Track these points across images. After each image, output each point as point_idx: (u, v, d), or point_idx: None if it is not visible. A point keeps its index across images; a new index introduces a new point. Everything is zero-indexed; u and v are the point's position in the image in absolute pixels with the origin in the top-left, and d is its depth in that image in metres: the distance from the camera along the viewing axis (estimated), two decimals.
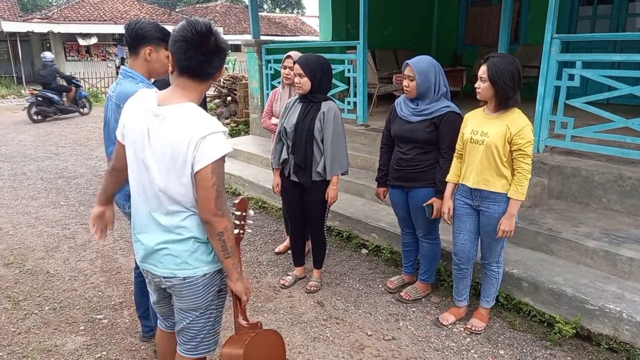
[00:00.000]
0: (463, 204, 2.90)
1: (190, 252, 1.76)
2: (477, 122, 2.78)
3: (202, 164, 1.61)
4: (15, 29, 19.95)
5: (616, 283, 3.00)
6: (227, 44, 1.72)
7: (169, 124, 1.65)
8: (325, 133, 3.14)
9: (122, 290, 3.55)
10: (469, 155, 2.81)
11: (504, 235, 2.72)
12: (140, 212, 1.80)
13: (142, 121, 1.70)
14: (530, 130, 2.64)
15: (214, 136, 1.63)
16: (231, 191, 5.83)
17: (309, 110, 3.17)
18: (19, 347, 2.87)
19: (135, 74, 2.43)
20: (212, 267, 1.81)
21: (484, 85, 2.65)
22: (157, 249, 1.78)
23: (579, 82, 3.82)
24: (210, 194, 1.65)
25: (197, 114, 1.66)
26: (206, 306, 1.86)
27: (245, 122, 8.61)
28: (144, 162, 1.72)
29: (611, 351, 2.73)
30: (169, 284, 1.82)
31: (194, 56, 1.63)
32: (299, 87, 3.14)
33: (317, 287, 3.52)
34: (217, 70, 1.71)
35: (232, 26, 27.26)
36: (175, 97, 1.69)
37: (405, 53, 8.16)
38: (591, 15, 7.20)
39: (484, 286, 3.02)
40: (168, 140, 1.64)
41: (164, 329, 2.13)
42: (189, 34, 1.61)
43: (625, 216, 3.60)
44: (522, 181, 2.65)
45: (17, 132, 10.37)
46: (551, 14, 3.85)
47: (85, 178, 6.68)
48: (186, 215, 1.73)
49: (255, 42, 6.88)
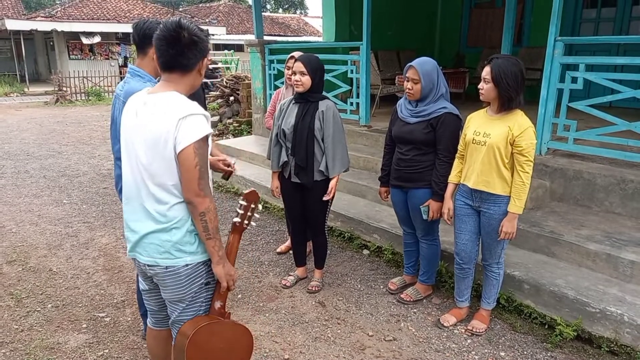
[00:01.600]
0: (463, 205, 2.90)
1: (173, 242, 1.80)
2: (480, 123, 2.79)
3: (183, 144, 1.67)
4: (18, 27, 20.03)
5: (617, 286, 3.00)
6: (202, 35, 1.76)
7: (152, 108, 1.74)
8: (326, 132, 3.15)
9: (124, 289, 3.56)
10: (470, 155, 2.82)
11: (506, 237, 2.73)
12: (131, 201, 1.86)
13: (133, 111, 1.81)
14: (533, 132, 2.64)
15: (194, 117, 1.70)
16: (233, 191, 5.84)
17: (307, 110, 3.17)
18: (22, 345, 2.88)
19: (143, 72, 2.45)
20: (195, 258, 1.85)
21: (488, 87, 2.65)
22: (143, 236, 1.83)
23: (582, 85, 3.82)
24: (193, 174, 1.70)
25: (177, 99, 1.74)
26: (191, 297, 1.90)
27: (248, 122, 8.62)
28: (135, 148, 1.79)
29: (612, 354, 2.73)
30: (152, 272, 1.88)
31: (167, 51, 1.73)
32: (299, 85, 3.13)
33: (319, 288, 3.53)
34: (193, 61, 1.77)
35: (235, 26, 27.28)
36: (162, 88, 1.80)
37: (408, 54, 8.16)
38: (594, 18, 7.19)
39: (484, 287, 3.03)
40: (150, 122, 1.73)
41: (152, 326, 2.17)
42: (161, 33, 1.73)
43: (627, 219, 3.60)
44: (520, 195, 2.65)
45: (20, 130, 10.40)
46: (554, 17, 3.85)
47: (88, 176, 6.70)
48: (172, 204, 1.78)
49: (258, 42, 6.89)
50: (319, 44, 8.18)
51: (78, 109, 14.63)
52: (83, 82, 17.36)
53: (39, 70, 24.96)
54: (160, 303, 2.05)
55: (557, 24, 3.86)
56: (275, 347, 2.88)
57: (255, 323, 3.12)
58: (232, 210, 5.23)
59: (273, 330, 3.04)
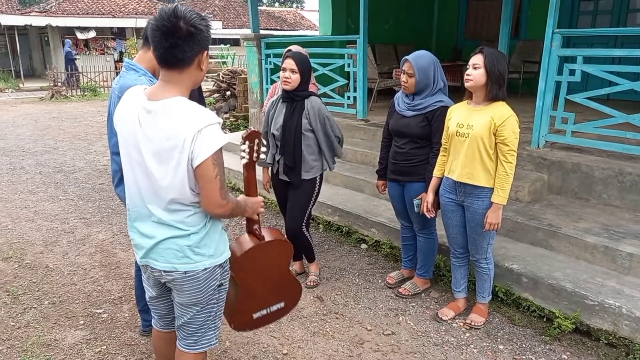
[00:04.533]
0: (448, 200, 2.90)
1: (192, 246, 1.74)
2: (462, 115, 2.77)
3: (202, 157, 1.59)
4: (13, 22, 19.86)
5: (615, 278, 3.00)
6: (200, 25, 1.60)
7: (162, 119, 1.62)
8: (315, 128, 3.16)
9: (121, 285, 3.55)
10: (454, 148, 2.80)
11: (491, 227, 2.72)
12: (139, 209, 1.78)
13: (135, 119, 1.68)
14: (515, 122, 2.62)
15: (210, 128, 1.60)
16: (230, 186, 5.82)
17: (294, 109, 3.17)
18: (19, 342, 2.87)
19: (138, 66, 2.41)
20: (213, 262, 1.80)
21: (478, 72, 2.62)
22: (157, 242, 1.76)
23: (579, 77, 3.81)
24: (214, 186, 1.64)
25: (189, 108, 1.62)
26: (206, 301, 1.85)
27: (245, 116, 8.58)
28: (141, 159, 1.69)
29: (610, 346, 2.74)
30: (169, 277, 1.80)
31: (160, 43, 1.59)
32: (288, 82, 3.11)
33: (317, 282, 3.52)
34: (190, 55, 1.61)
35: (231, 20, 27.14)
36: (162, 91, 1.66)
37: (405, 48, 8.11)
38: (592, 10, 7.17)
39: (477, 283, 3.03)
40: (162, 136, 1.61)
41: (160, 329, 2.11)
42: (155, 22, 1.58)
43: (625, 212, 3.60)
44: (504, 185, 2.64)
45: (16, 126, 10.33)
46: (552, 9, 3.83)
47: (84, 172, 6.66)
48: (189, 213, 1.72)
49: (254, 37, 6.85)
50: (316, 37, 8.13)
51: (73, 104, 14.54)
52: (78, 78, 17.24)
53: (34, 66, 24.77)
54: (170, 306, 1.98)
55: (554, 16, 3.84)
56: (273, 342, 2.87)
57: None
58: None
59: (271, 326, 3.03)
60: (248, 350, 2.79)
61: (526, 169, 4.11)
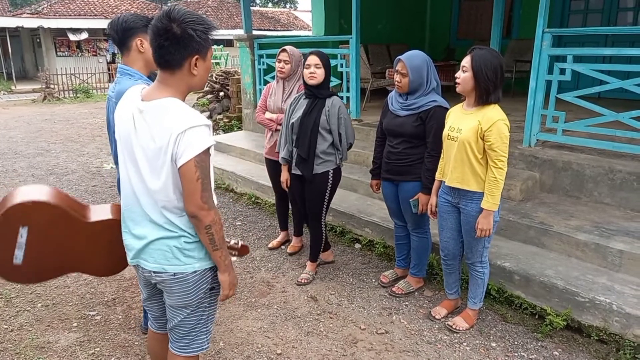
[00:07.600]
0: (444, 202, 2.88)
1: (182, 248, 1.74)
2: (455, 118, 2.74)
3: (184, 158, 1.58)
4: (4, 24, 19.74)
5: (606, 275, 3.03)
6: (189, 29, 1.57)
7: (150, 120, 1.63)
8: (332, 127, 3.24)
9: (114, 287, 3.54)
10: (446, 152, 2.79)
11: (483, 234, 2.67)
12: (132, 208, 1.79)
13: (130, 118, 1.69)
14: (504, 126, 2.52)
15: (194, 130, 1.58)
16: (224, 187, 5.81)
17: (315, 106, 3.26)
18: (12, 345, 2.85)
19: (132, 71, 2.37)
20: (203, 265, 1.79)
21: (465, 76, 2.57)
22: (148, 243, 1.76)
23: (570, 76, 3.84)
24: (195, 187, 1.62)
25: (176, 109, 1.62)
26: (197, 304, 1.84)
27: (238, 117, 8.58)
28: (134, 159, 1.70)
29: (601, 342, 2.76)
30: (159, 279, 1.80)
31: (151, 43, 1.62)
32: (314, 76, 3.19)
33: (308, 280, 3.53)
34: (177, 57, 1.60)
35: (224, 21, 27.08)
36: (156, 92, 1.66)
37: (398, 48, 8.14)
38: (583, 10, 7.22)
39: (470, 287, 2.98)
40: (148, 137, 1.63)
41: (155, 330, 2.11)
42: (153, 23, 1.60)
43: (616, 209, 3.63)
44: (493, 191, 2.57)
45: (8, 129, 10.27)
46: (542, 8, 3.86)
47: (77, 174, 6.64)
48: (180, 215, 1.72)
49: (247, 37, 6.84)
50: (309, 38, 8.14)
51: (66, 106, 14.47)
52: (71, 79, 17.16)
53: (26, 68, 24.63)
54: (163, 308, 1.98)
55: (545, 15, 3.87)
56: (267, 343, 2.87)
57: (247, 319, 3.11)
58: (235, 211, 5.21)
59: (265, 326, 3.04)
60: (242, 351, 2.79)
61: (518, 168, 4.14)
